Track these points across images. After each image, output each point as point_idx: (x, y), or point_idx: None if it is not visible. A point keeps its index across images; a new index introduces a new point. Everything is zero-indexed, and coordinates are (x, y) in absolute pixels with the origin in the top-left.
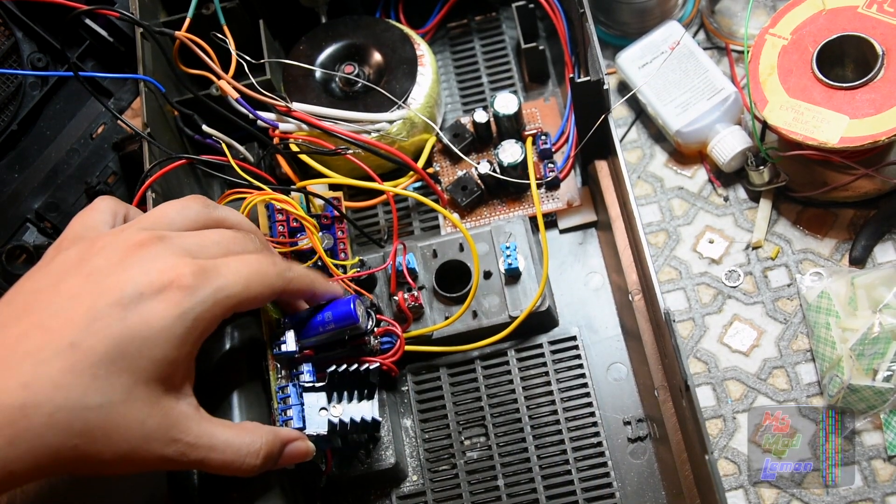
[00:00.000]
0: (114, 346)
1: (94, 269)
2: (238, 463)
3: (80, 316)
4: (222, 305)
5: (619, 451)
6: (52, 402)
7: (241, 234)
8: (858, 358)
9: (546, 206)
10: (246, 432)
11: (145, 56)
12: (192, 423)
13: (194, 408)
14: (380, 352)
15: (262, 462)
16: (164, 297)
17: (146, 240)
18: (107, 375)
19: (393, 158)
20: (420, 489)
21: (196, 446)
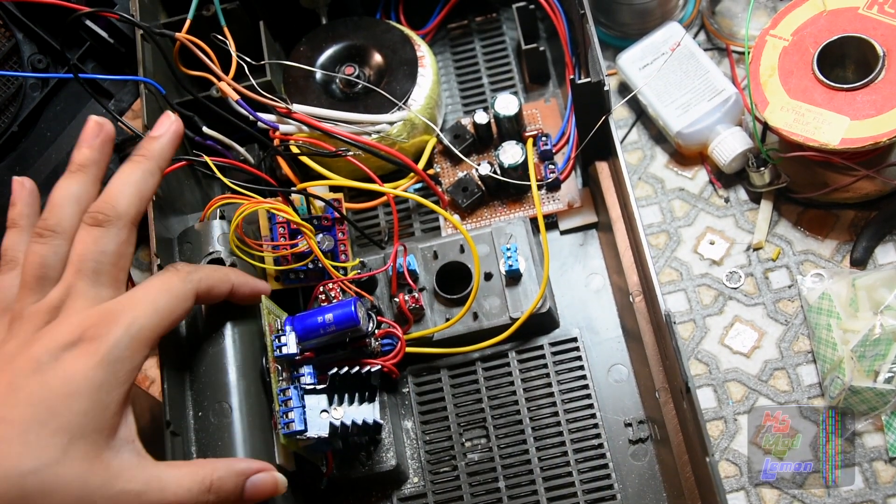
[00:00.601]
0: (40, 409)
1: (5, 353)
2: (192, 502)
3: (1, 394)
4: (140, 339)
5: (620, 453)
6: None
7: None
8: (859, 359)
9: (547, 207)
10: (195, 468)
11: (145, 58)
12: (136, 471)
13: (137, 454)
14: (380, 354)
15: (216, 497)
16: (79, 351)
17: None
18: (38, 439)
19: (393, 160)
20: (421, 491)
21: (145, 493)
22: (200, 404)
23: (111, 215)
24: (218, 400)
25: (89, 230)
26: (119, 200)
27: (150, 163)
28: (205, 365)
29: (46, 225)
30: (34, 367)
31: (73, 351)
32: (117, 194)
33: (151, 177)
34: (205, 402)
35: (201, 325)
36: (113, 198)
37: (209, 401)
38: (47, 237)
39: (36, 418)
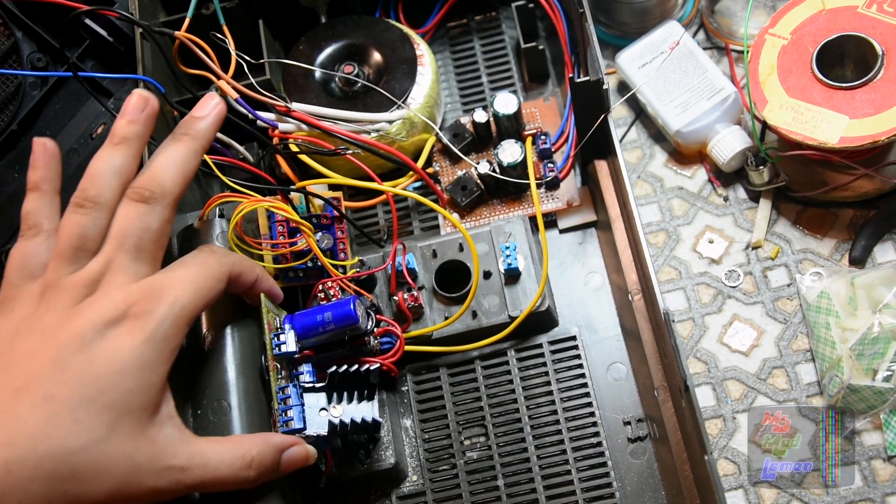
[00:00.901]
0: (88, 387)
1: (45, 326)
2: (233, 477)
3: (46, 370)
4: (183, 317)
5: (618, 451)
6: (35, 453)
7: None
8: (858, 358)
9: (546, 205)
10: (235, 444)
11: (145, 56)
12: (180, 446)
13: (179, 429)
14: (379, 352)
15: (257, 472)
16: (125, 328)
17: (85, 284)
18: (87, 417)
19: (392, 158)
20: (420, 489)
21: (189, 469)
22: (199, 402)
23: (157, 192)
24: (217, 398)
25: (134, 205)
26: (165, 178)
27: (194, 143)
28: (204, 363)
29: (87, 195)
30: (80, 344)
31: (119, 328)
32: (163, 171)
33: (195, 157)
34: (204, 400)
35: (200, 324)
36: (159, 174)
37: (208, 399)
38: (88, 208)
39: (84, 396)
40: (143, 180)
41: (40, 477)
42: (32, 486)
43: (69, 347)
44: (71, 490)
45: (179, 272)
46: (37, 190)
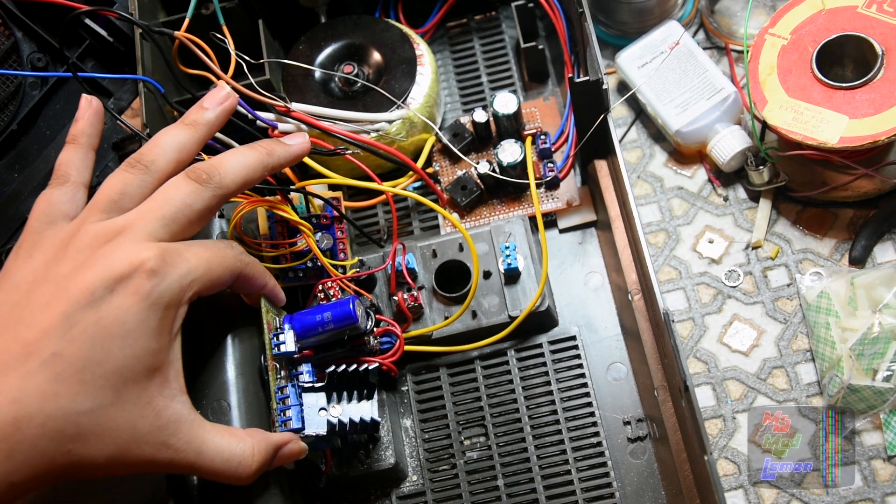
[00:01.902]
0: (95, 348)
1: (60, 275)
2: (229, 472)
3: (56, 325)
4: (189, 290)
5: (618, 451)
6: (42, 412)
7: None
8: (858, 358)
9: (545, 205)
10: (239, 439)
11: (144, 56)
12: (183, 426)
13: (188, 409)
14: (379, 352)
15: (256, 471)
16: (132, 286)
17: (106, 234)
18: (94, 379)
19: (392, 158)
20: (420, 489)
21: (183, 452)
22: (199, 402)
23: (214, 179)
24: (216, 398)
25: (187, 181)
26: (227, 171)
27: (270, 159)
28: (203, 363)
29: (142, 158)
30: (89, 300)
31: (127, 285)
32: (228, 166)
33: (262, 171)
34: (203, 399)
35: (200, 323)
36: (222, 166)
37: (208, 399)
38: (138, 169)
39: (91, 358)
40: (206, 164)
41: (47, 435)
42: (39, 443)
43: (79, 303)
44: (74, 450)
45: (196, 248)
46: (73, 142)
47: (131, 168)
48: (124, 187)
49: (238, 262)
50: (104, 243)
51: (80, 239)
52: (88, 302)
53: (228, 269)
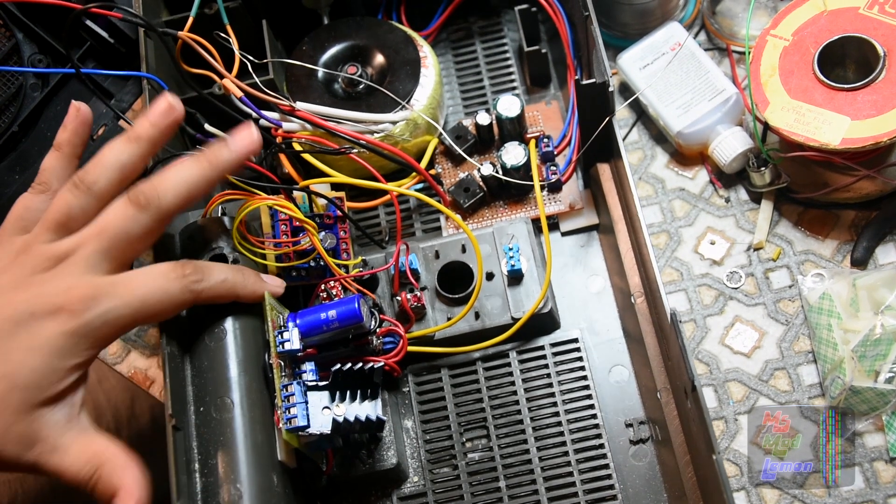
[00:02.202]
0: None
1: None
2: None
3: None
4: (113, 325)
5: (620, 454)
6: None
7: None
8: (860, 359)
9: (548, 208)
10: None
11: (148, 54)
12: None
13: (66, 418)
14: (382, 352)
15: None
16: (54, 319)
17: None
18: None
19: (396, 159)
20: (421, 490)
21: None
22: (202, 399)
23: (152, 203)
24: (220, 395)
25: (126, 206)
26: (167, 192)
27: (211, 171)
28: (207, 360)
29: (84, 179)
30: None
31: (50, 318)
32: (168, 186)
33: (205, 185)
34: (206, 397)
35: (203, 321)
36: (162, 187)
37: (211, 396)
38: (81, 191)
39: None
40: (145, 186)
41: None
42: None
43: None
44: None
45: (135, 283)
46: (58, 150)
47: (75, 189)
48: (69, 210)
49: (185, 294)
50: (45, 269)
51: (27, 259)
52: (9, 316)
53: (172, 302)
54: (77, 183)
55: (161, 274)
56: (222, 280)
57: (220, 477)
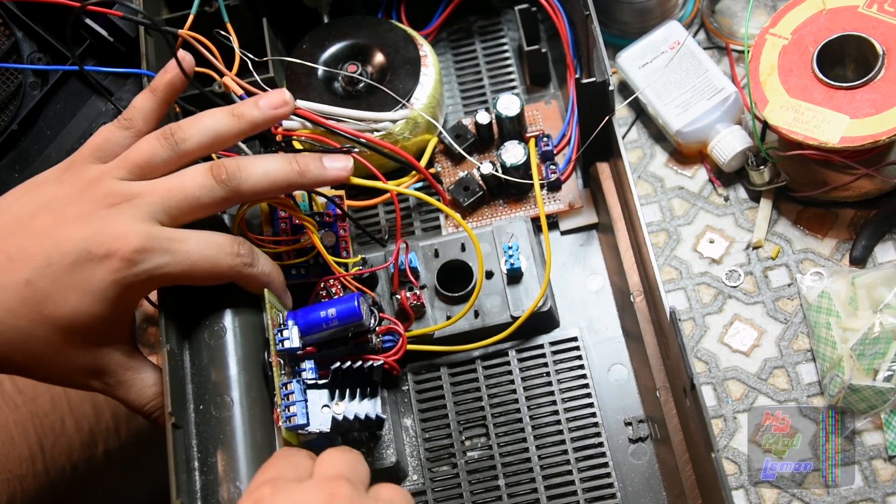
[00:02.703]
0: (59, 292)
1: (65, 214)
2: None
3: (39, 256)
4: (158, 280)
5: (620, 452)
6: (4, 322)
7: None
8: (859, 358)
9: (548, 207)
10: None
11: (149, 52)
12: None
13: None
14: (381, 350)
15: None
16: (106, 264)
17: (111, 199)
18: (51, 315)
19: (397, 157)
20: (420, 488)
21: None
22: (202, 397)
23: (232, 182)
24: (219, 393)
25: (205, 174)
26: (248, 177)
27: (300, 178)
28: (207, 358)
29: (176, 132)
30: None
31: (103, 261)
32: (252, 172)
33: (287, 188)
34: (206, 395)
35: (203, 319)
36: (246, 171)
37: (210, 394)
38: (168, 142)
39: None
40: (230, 163)
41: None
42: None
43: (60, 251)
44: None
45: (190, 244)
46: (153, 92)
47: (163, 139)
48: (151, 157)
49: (231, 272)
50: (111, 205)
51: (96, 190)
52: (67, 252)
53: (216, 275)
54: (167, 134)
55: (217, 245)
56: (266, 273)
57: (219, 475)
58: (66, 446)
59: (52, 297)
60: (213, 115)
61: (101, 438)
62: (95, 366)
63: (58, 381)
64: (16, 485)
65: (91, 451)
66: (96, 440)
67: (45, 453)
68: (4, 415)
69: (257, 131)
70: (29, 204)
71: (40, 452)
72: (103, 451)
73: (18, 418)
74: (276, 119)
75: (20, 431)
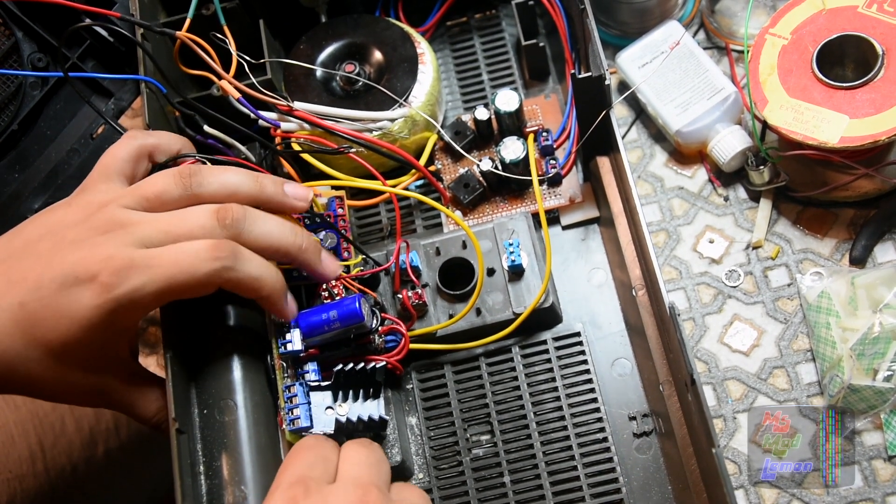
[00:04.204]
0: (49, 317)
1: (61, 239)
2: None
3: (31, 280)
4: (141, 303)
5: (624, 447)
6: (2, 343)
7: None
8: (859, 358)
9: (548, 202)
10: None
11: (146, 57)
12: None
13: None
14: (384, 350)
15: None
16: (89, 289)
17: (106, 226)
18: (43, 338)
19: (396, 156)
20: (426, 486)
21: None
22: (206, 402)
23: (235, 228)
24: (223, 397)
25: (210, 217)
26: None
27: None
28: (210, 363)
29: (194, 176)
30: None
31: (88, 285)
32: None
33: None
34: (210, 399)
35: (205, 323)
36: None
37: (214, 398)
38: (183, 183)
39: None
40: (237, 210)
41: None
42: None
43: (53, 275)
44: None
45: (166, 258)
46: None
47: (180, 179)
48: (162, 192)
49: (212, 277)
50: (106, 231)
51: (99, 216)
52: (56, 277)
53: (194, 283)
54: (185, 174)
55: (193, 252)
56: (255, 277)
57: (224, 479)
58: (67, 446)
59: (43, 321)
60: (237, 174)
61: (101, 438)
62: (96, 387)
63: (63, 401)
64: (16, 485)
65: (91, 450)
66: (96, 440)
67: (45, 453)
68: (5, 415)
69: (268, 206)
70: (39, 227)
71: (40, 452)
72: (103, 451)
73: (19, 418)
74: (290, 209)
75: (20, 431)
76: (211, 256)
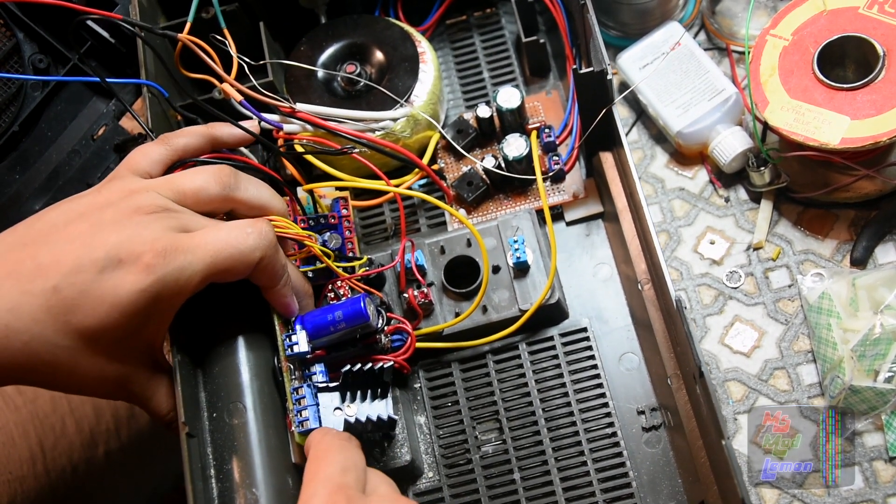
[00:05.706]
0: (87, 302)
1: (98, 220)
2: None
3: (68, 263)
4: (185, 284)
5: (633, 441)
6: (29, 331)
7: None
8: (860, 359)
9: (552, 198)
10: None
11: (147, 60)
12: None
13: (150, 367)
14: (391, 350)
15: None
16: (132, 271)
17: (149, 209)
18: (78, 325)
19: (399, 156)
20: (436, 485)
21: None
22: (215, 405)
23: None
24: (232, 400)
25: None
26: None
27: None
28: (218, 366)
29: (233, 178)
30: (97, 259)
31: (130, 267)
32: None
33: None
34: (219, 402)
35: (213, 326)
36: None
37: (223, 401)
38: (222, 183)
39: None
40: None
41: (27, 352)
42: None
43: (91, 256)
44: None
45: (209, 238)
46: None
47: (221, 177)
48: (200, 189)
49: (256, 250)
50: (150, 213)
51: (137, 198)
52: (96, 259)
53: (239, 261)
54: (226, 174)
55: (234, 230)
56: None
57: (235, 482)
58: (67, 447)
59: (79, 307)
60: (273, 195)
61: (101, 439)
62: (121, 378)
63: (80, 391)
64: (16, 486)
65: (91, 452)
66: (97, 441)
67: (45, 454)
68: (5, 416)
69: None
70: (66, 213)
71: (41, 453)
72: (104, 452)
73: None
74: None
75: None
76: (256, 231)
